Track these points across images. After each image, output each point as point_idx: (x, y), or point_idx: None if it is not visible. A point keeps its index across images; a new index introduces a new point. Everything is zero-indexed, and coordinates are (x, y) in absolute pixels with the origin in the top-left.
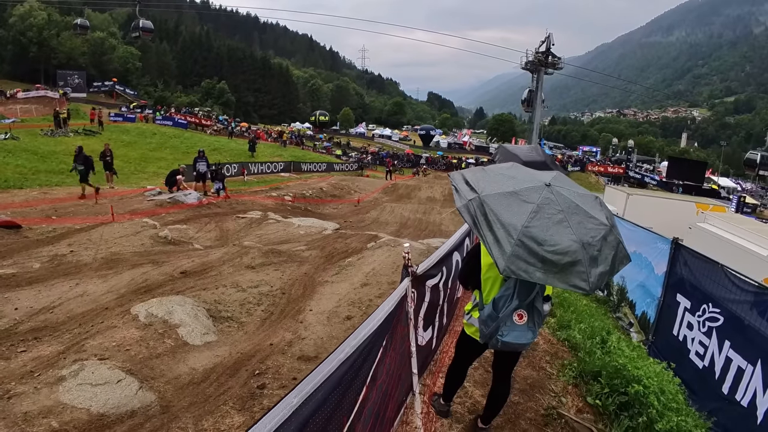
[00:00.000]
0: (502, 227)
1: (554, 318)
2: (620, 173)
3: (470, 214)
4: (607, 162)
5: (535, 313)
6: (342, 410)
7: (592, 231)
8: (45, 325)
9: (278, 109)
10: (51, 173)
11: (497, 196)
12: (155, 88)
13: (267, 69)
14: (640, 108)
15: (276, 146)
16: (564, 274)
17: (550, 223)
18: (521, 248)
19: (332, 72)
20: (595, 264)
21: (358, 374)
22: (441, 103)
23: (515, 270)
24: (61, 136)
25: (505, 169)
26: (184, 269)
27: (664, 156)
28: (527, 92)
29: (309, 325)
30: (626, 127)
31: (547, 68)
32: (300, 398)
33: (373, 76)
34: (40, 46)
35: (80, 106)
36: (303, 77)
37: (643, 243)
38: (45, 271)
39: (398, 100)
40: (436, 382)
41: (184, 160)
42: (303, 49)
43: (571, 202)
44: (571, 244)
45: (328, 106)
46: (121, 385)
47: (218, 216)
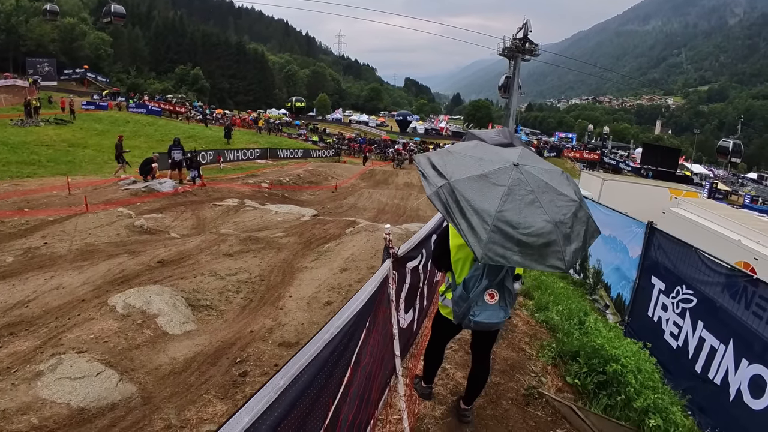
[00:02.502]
0: (476, 213)
1: (532, 300)
2: (595, 159)
3: (442, 202)
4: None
5: (506, 293)
6: (328, 392)
7: (563, 208)
8: (20, 319)
9: (254, 96)
10: (22, 164)
11: (467, 180)
12: (128, 75)
13: (242, 55)
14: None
15: (252, 133)
16: (541, 256)
17: (522, 205)
18: (497, 234)
19: (308, 57)
20: (569, 242)
21: (342, 355)
22: (418, 89)
23: (493, 256)
24: (32, 125)
25: (471, 149)
26: (161, 258)
27: (638, 143)
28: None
29: (289, 311)
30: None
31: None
32: (286, 380)
33: (350, 62)
34: (8, 33)
35: (51, 95)
36: (279, 63)
37: (618, 227)
38: (19, 265)
39: (375, 86)
40: (418, 365)
41: (159, 148)
42: (279, 34)
43: (540, 180)
44: (545, 224)
45: (304, 92)
46: (101, 378)
47: (194, 204)
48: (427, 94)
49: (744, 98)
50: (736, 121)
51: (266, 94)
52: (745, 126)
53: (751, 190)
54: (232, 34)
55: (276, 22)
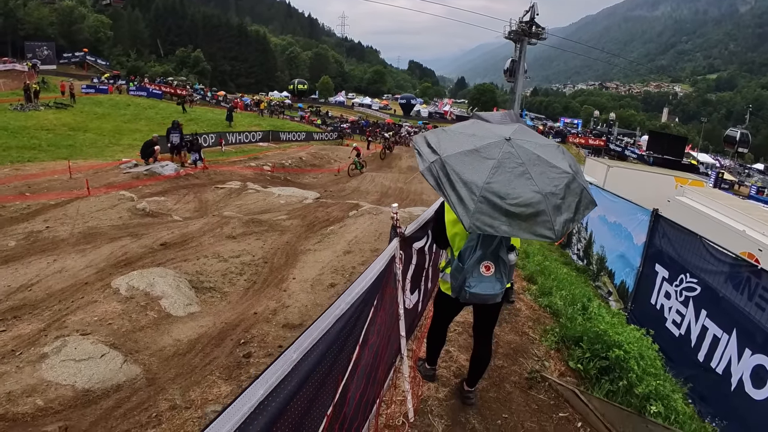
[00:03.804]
0: (464, 185)
1: (536, 285)
2: (601, 146)
3: (433, 176)
4: (588, 134)
5: (501, 264)
6: (338, 368)
7: (555, 180)
8: (24, 303)
9: (255, 78)
10: (23, 149)
11: (458, 155)
12: (128, 58)
13: (243, 37)
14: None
15: (254, 116)
16: (529, 225)
17: (511, 177)
18: (484, 204)
19: (311, 40)
20: (559, 212)
21: (352, 332)
22: (422, 72)
23: (480, 226)
24: (32, 110)
25: (466, 127)
26: (164, 241)
27: (644, 130)
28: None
29: (293, 293)
30: (608, 100)
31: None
32: (299, 353)
33: (353, 44)
34: (6, 17)
35: (50, 79)
36: (281, 45)
37: (623, 214)
38: (21, 249)
39: (379, 69)
40: (422, 347)
41: (160, 131)
42: (281, 16)
43: (531, 153)
44: (533, 195)
45: (306, 75)
46: (105, 360)
47: (197, 187)
48: (431, 77)
49: (753, 87)
50: (745, 110)
51: (268, 77)
52: (754, 116)
53: (758, 180)
54: (234, 16)
55: (278, 4)
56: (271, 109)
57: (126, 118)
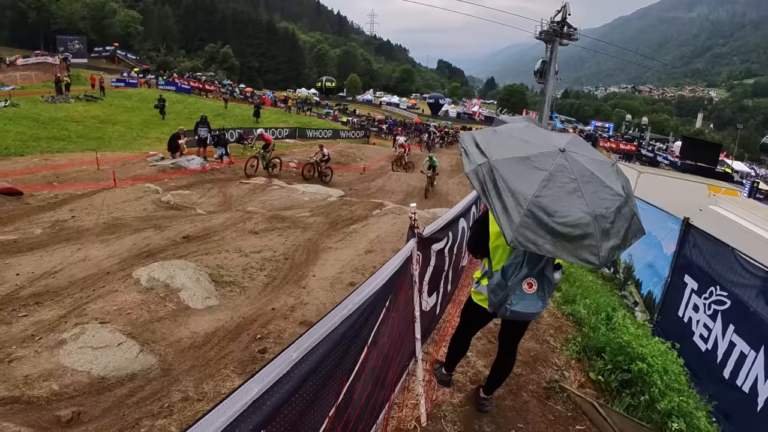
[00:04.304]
0: (512, 195)
1: (559, 292)
2: (632, 151)
3: (479, 180)
4: (620, 139)
5: (545, 282)
6: (342, 369)
7: (606, 202)
8: (46, 289)
9: (283, 75)
10: (52, 140)
11: (508, 161)
12: (158, 53)
13: (272, 33)
14: (656, 85)
15: (281, 112)
16: (574, 248)
17: (562, 193)
18: (530, 219)
19: (340, 37)
20: (607, 237)
21: (360, 333)
22: (451, 71)
23: (523, 241)
24: (62, 102)
25: (518, 131)
26: (187, 234)
27: (678, 136)
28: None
29: (312, 290)
30: (641, 103)
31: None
32: (300, 353)
33: (382, 42)
34: (39, 11)
35: (81, 72)
36: (309, 42)
37: (653, 221)
38: (46, 237)
39: (407, 68)
40: (439, 351)
41: (187, 125)
42: (310, 13)
43: (585, 169)
44: (583, 215)
45: (334, 72)
46: (122, 349)
47: (221, 181)
48: (460, 77)
49: None
50: None
51: (296, 74)
52: None
53: None
54: (263, 13)
55: (307, 1)
56: (299, 106)
57: (154, 112)
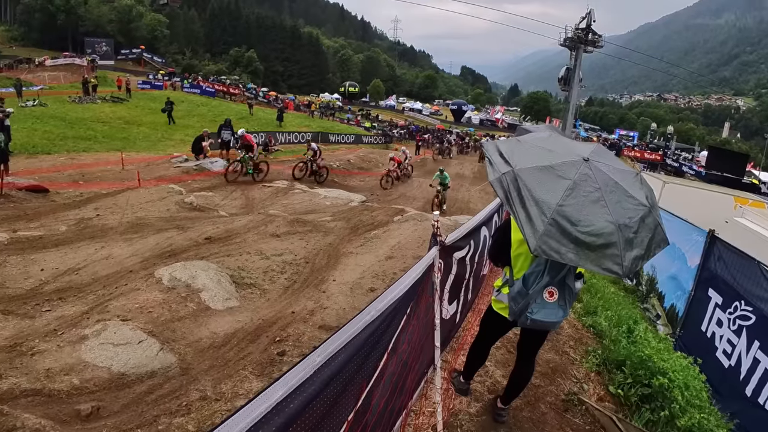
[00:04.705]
0: (536, 204)
1: (580, 303)
2: (657, 160)
3: (503, 189)
4: (644, 148)
5: (567, 291)
6: (362, 374)
7: (630, 211)
8: (70, 286)
9: (307, 79)
10: (78, 139)
11: (532, 170)
12: (183, 56)
13: (296, 38)
14: (682, 93)
15: (304, 116)
16: (597, 257)
17: (585, 202)
18: (554, 227)
19: (363, 42)
20: (630, 247)
21: (380, 339)
22: (474, 78)
23: (546, 250)
24: (89, 102)
25: (542, 140)
26: (209, 235)
27: (704, 145)
28: (565, 70)
29: (331, 295)
30: (666, 112)
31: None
32: (323, 357)
33: (405, 48)
34: (68, 14)
35: (108, 74)
36: (333, 47)
37: (678, 233)
38: (71, 234)
39: (430, 74)
40: (457, 359)
41: (211, 127)
42: (334, 18)
43: (609, 178)
44: (607, 225)
45: (358, 78)
46: (142, 346)
47: (244, 184)
48: (483, 83)
49: None
50: None
51: (320, 79)
52: None
53: None
54: (287, 18)
55: (331, 6)
56: (322, 111)
57: (179, 115)
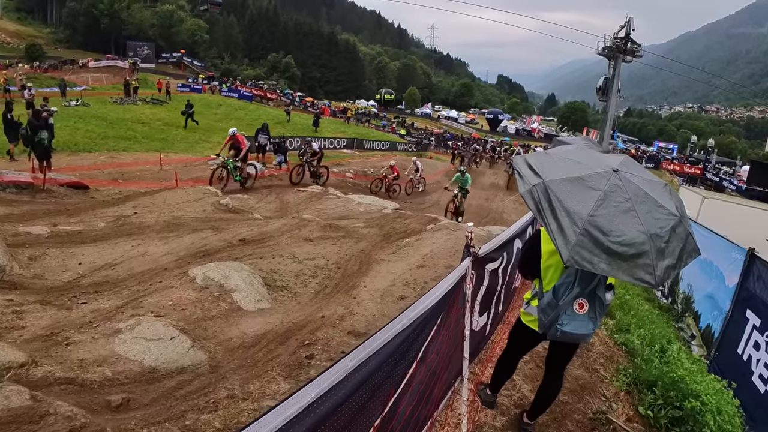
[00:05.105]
0: (567, 215)
1: (613, 320)
2: (697, 174)
3: (534, 200)
4: (684, 161)
5: (597, 303)
6: (391, 381)
7: (661, 221)
8: (106, 280)
9: (343, 86)
10: (119, 139)
11: (562, 181)
12: (222, 61)
13: (333, 45)
14: (724, 105)
15: (340, 122)
16: (629, 267)
17: (616, 212)
18: (586, 238)
19: (400, 50)
20: (662, 257)
21: (410, 348)
22: (511, 86)
23: (579, 260)
24: (130, 104)
25: (570, 153)
26: (243, 237)
27: (746, 159)
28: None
29: (362, 301)
30: (707, 124)
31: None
32: (355, 363)
33: (442, 56)
34: (111, 18)
35: (148, 76)
36: (370, 54)
37: (716, 251)
38: (109, 230)
39: (466, 82)
40: (485, 372)
41: (248, 131)
42: (371, 25)
43: (639, 189)
44: (638, 235)
45: (394, 85)
46: (174, 342)
47: (279, 188)
48: (520, 92)
49: None
50: None
51: (356, 85)
52: None
53: None
54: (325, 24)
55: (368, 14)
56: (358, 117)
57: (217, 117)
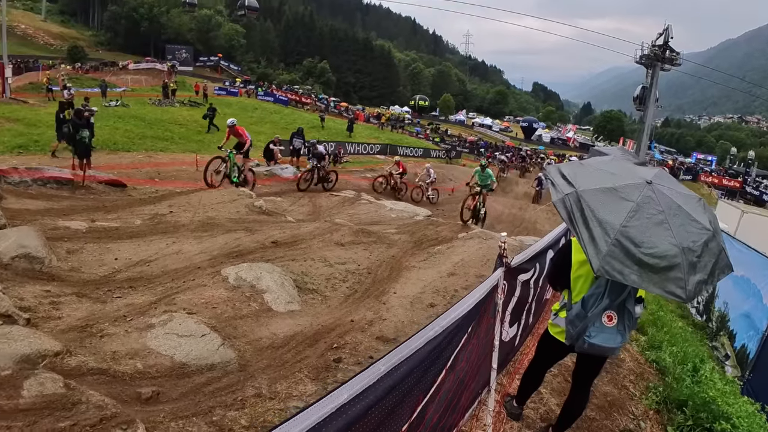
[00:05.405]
0: (599, 225)
1: (645, 336)
2: (736, 187)
3: (566, 209)
4: (723, 173)
5: (626, 315)
6: (420, 387)
7: (694, 235)
8: (140, 276)
9: (378, 92)
10: (157, 139)
11: (595, 191)
12: (258, 65)
13: (368, 51)
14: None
15: (374, 128)
16: (660, 279)
17: (649, 224)
18: (617, 248)
19: (434, 56)
20: (694, 271)
21: (441, 355)
22: (546, 94)
23: (609, 270)
24: (168, 105)
25: (604, 163)
26: (276, 239)
27: None
28: (640, 89)
29: (391, 307)
30: (748, 135)
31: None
32: (387, 367)
33: (477, 63)
34: (151, 22)
35: (186, 79)
36: (404, 60)
37: (753, 267)
38: (145, 228)
39: (501, 89)
40: (512, 383)
41: (283, 135)
42: (406, 32)
43: (672, 202)
44: (671, 248)
45: (428, 91)
46: (205, 340)
47: (312, 192)
48: (555, 100)
49: None
50: None
51: (391, 91)
52: None
53: None
54: (360, 30)
55: (403, 20)
56: (392, 123)
57: (252, 121)
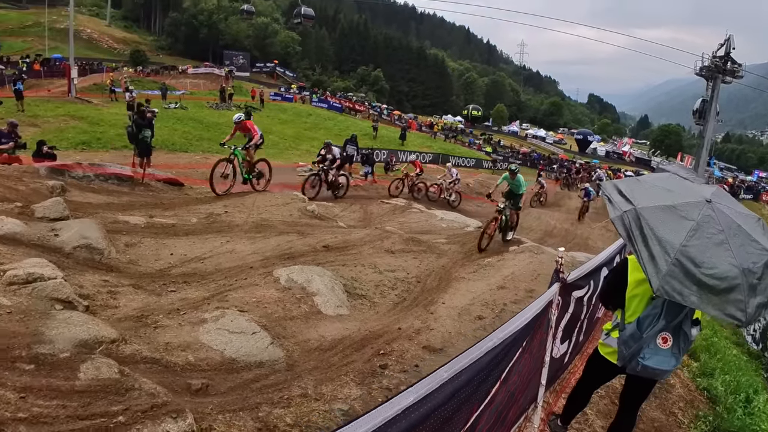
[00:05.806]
0: (659, 243)
1: (697, 363)
2: None
3: (625, 227)
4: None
5: (682, 338)
6: (476, 397)
7: (754, 256)
8: (195, 272)
9: (431, 100)
10: (213, 141)
11: (654, 209)
12: (313, 72)
13: (422, 59)
14: None
15: (426, 137)
16: (720, 301)
17: (709, 244)
18: (677, 268)
19: (488, 66)
20: (754, 293)
21: (497, 367)
22: (602, 106)
23: (669, 291)
24: (224, 109)
25: (662, 180)
26: (327, 244)
27: None
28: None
29: (439, 317)
30: None
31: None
32: (450, 374)
33: (531, 73)
34: (210, 29)
35: (243, 84)
36: (458, 69)
37: None
38: (201, 226)
39: (556, 100)
40: (558, 402)
41: (336, 141)
42: (459, 41)
43: (732, 221)
44: (731, 269)
45: (481, 101)
46: (255, 338)
47: (363, 199)
48: (611, 113)
49: None
50: None
51: (444, 100)
52: None
53: None
54: (414, 39)
55: (457, 29)
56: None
57: (306, 126)
